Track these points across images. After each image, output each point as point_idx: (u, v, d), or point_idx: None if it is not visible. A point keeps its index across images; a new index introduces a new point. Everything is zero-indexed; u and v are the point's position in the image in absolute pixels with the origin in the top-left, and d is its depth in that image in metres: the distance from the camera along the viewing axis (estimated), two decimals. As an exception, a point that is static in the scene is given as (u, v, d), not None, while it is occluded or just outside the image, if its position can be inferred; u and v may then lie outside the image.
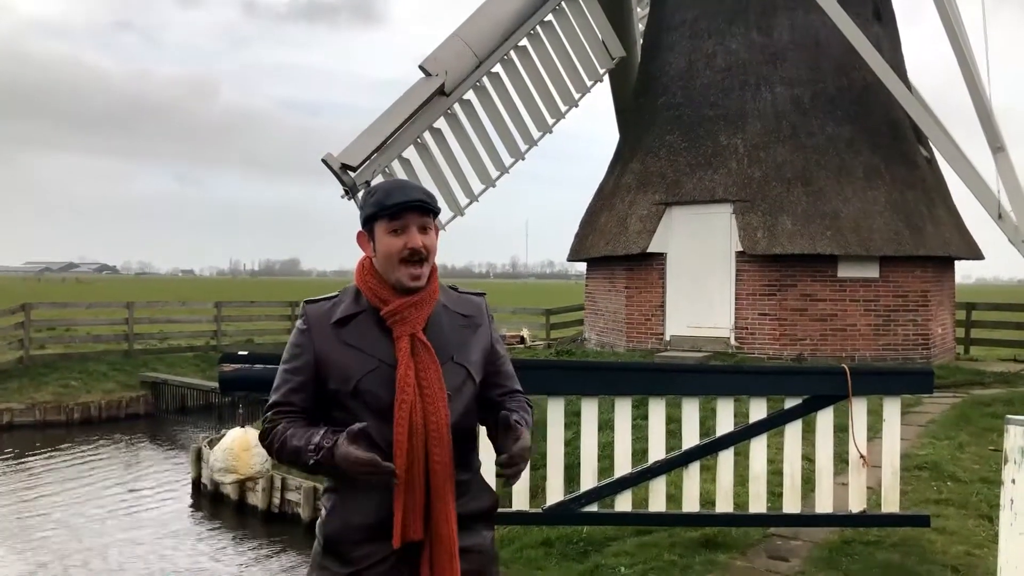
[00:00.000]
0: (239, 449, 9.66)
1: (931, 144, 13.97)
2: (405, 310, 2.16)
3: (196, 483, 11.52)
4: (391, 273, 2.18)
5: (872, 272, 13.01)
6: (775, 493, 5.27)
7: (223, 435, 10.86)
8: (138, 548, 9.07)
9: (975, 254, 14.47)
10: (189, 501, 11.21)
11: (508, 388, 2.36)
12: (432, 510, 2.11)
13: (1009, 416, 2.91)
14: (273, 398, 2.23)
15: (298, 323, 2.27)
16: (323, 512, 2.23)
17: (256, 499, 10.23)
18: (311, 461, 2.07)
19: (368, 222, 2.22)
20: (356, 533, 2.14)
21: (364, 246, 2.26)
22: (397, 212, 2.16)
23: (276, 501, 10.08)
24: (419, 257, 2.17)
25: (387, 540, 2.09)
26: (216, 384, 10.85)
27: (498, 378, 2.35)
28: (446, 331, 2.23)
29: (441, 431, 2.12)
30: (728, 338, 13.33)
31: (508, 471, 2.12)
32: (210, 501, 10.96)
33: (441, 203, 14.01)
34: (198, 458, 11.49)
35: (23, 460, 13.47)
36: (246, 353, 4.78)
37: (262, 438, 2.21)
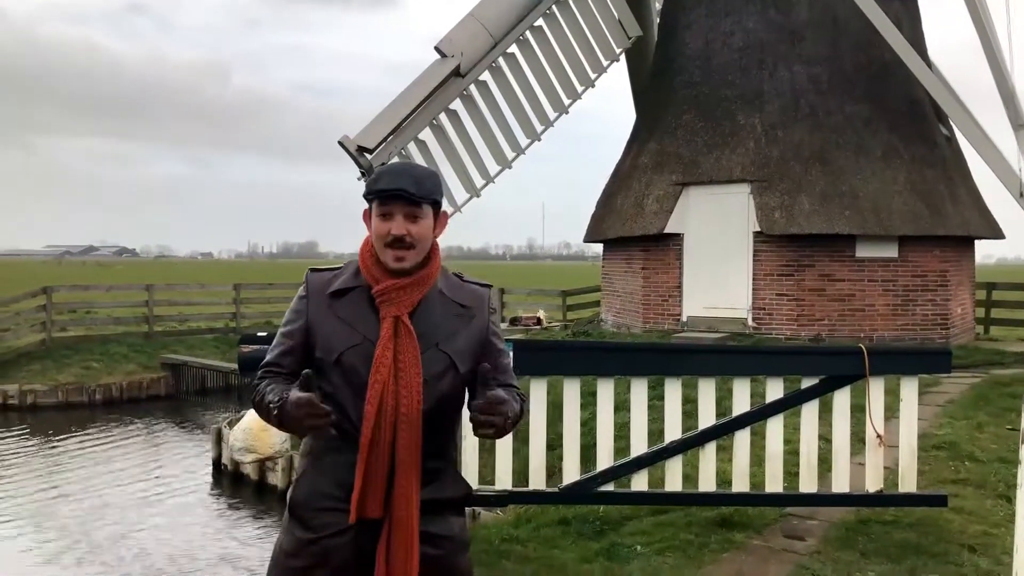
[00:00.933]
0: (258, 429, 9.77)
1: (951, 122, 13.82)
2: (393, 292, 2.19)
3: (216, 463, 11.64)
4: (380, 254, 2.22)
5: (891, 252, 12.92)
6: (791, 473, 5.28)
7: (242, 416, 10.99)
8: (160, 528, 9.19)
9: (995, 233, 14.34)
10: (210, 481, 11.34)
11: (504, 382, 2.31)
12: (394, 492, 2.13)
13: (1027, 395, 2.90)
14: (267, 358, 2.29)
15: (300, 289, 2.32)
16: (296, 477, 2.29)
17: (276, 479, 10.33)
18: (274, 413, 2.11)
19: (368, 201, 2.26)
20: (321, 501, 2.18)
21: (367, 224, 2.30)
22: (383, 199, 2.19)
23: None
24: (401, 244, 2.18)
25: (348, 512, 2.13)
26: (235, 365, 10.95)
27: (494, 372, 2.30)
28: (436, 317, 2.24)
29: (412, 414, 2.13)
30: (745, 319, 13.29)
31: (482, 417, 2.07)
32: (230, 481, 11.08)
33: (457, 184, 14.05)
34: (219, 439, 11.61)
35: (47, 441, 13.65)
36: (265, 334, 4.83)
37: (251, 396, 2.27)
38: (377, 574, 2.12)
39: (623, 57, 15.49)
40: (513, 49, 13.62)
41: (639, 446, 5.16)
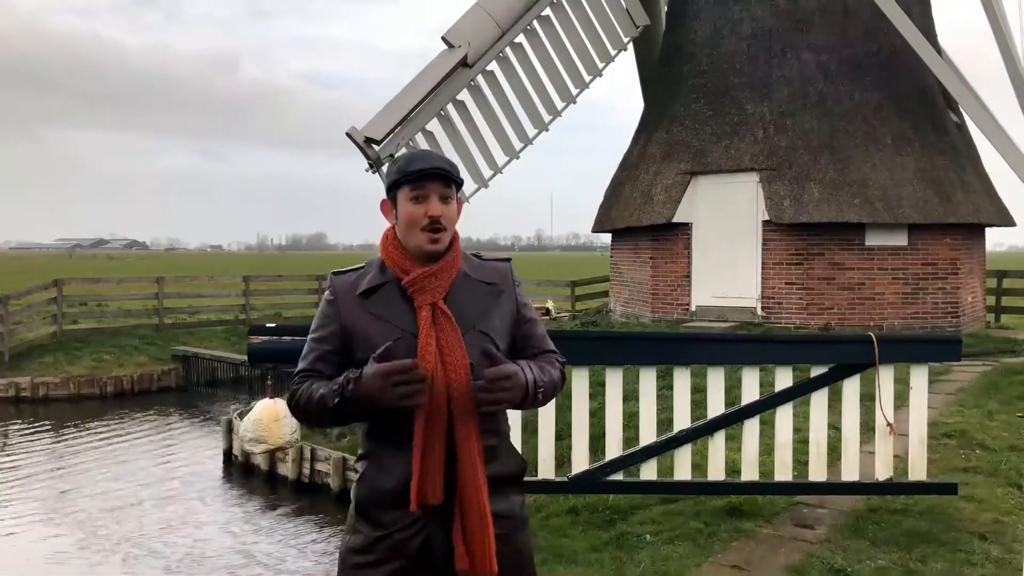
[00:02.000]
0: (268, 420, 9.80)
1: (961, 109, 13.73)
2: (425, 280, 2.19)
3: (227, 454, 11.70)
4: (411, 240, 2.22)
5: (901, 240, 12.86)
6: (801, 461, 5.28)
7: (252, 407, 11.04)
8: (171, 519, 9.25)
9: (1006, 221, 14.26)
10: (221, 472, 11.40)
11: (540, 348, 2.35)
12: (460, 476, 2.14)
13: (1037, 382, 2.89)
14: (300, 366, 2.28)
15: (326, 294, 2.31)
16: (356, 476, 2.30)
17: (286, 469, 10.37)
18: (336, 399, 2.10)
19: (391, 189, 2.26)
20: (384, 497, 2.19)
21: (387, 214, 2.30)
22: (419, 180, 2.19)
23: (306, 471, 10.21)
24: (438, 226, 2.20)
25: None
26: (245, 357, 10.99)
27: (529, 340, 2.35)
28: (468, 299, 2.25)
29: (464, 398, 2.14)
30: (755, 308, 13.27)
31: (483, 396, 2.08)
32: (241, 472, 11.14)
33: (465, 175, 14.03)
34: (229, 430, 11.66)
35: (60, 433, 13.74)
36: (274, 325, 4.85)
37: (289, 402, 2.26)
38: (457, 558, 2.13)
39: (631, 46, 15.42)
40: (520, 39, 13.57)
41: (648, 435, 5.16)
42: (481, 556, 2.13)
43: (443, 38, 12.86)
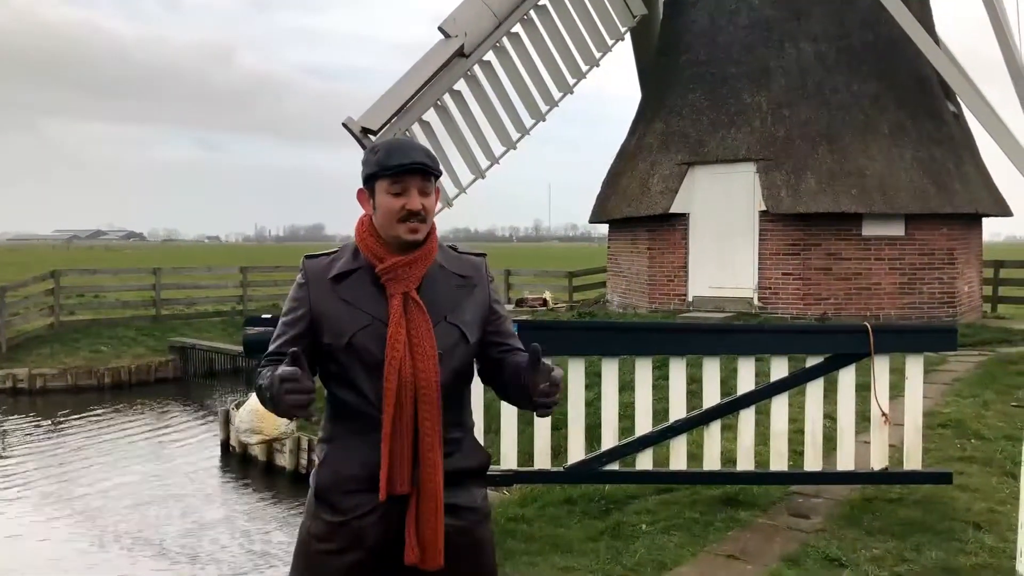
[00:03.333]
0: (263, 410, 9.79)
1: (959, 99, 13.72)
2: (399, 268, 2.18)
3: (225, 445, 11.70)
4: (389, 231, 2.20)
5: (897, 230, 12.87)
6: (797, 451, 5.29)
7: (249, 397, 11.04)
8: (171, 511, 9.26)
9: (1003, 211, 14.28)
10: (218, 463, 11.41)
11: (509, 346, 2.35)
12: (420, 465, 2.14)
13: (1031, 372, 2.90)
14: (270, 348, 2.27)
15: (297, 277, 2.30)
16: (316, 462, 2.29)
17: (283, 460, 10.38)
18: (267, 394, 2.08)
19: (369, 180, 2.24)
20: (346, 483, 2.19)
21: (364, 203, 2.28)
22: (398, 174, 2.17)
23: (303, 462, 10.22)
24: (418, 219, 2.18)
25: (375, 491, 2.14)
26: (242, 348, 10.99)
27: (498, 336, 2.35)
28: (441, 291, 2.25)
29: (430, 389, 2.14)
30: (751, 298, 13.28)
31: (547, 400, 2.11)
32: (239, 462, 11.14)
33: (462, 166, 14.06)
34: (226, 420, 11.66)
35: (59, 424, 13.74)
36: (269, 316, 4.85)
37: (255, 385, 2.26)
38: (407, 544, 2.14)
39: (628, 36, 15.39)
40: (517, 29, 13.55)
41: (644, 425, 5.17)
42: (432, 549, 2.14)
43: (440, 28, 12.84)
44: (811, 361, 5.18)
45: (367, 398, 2.15)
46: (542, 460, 5.12)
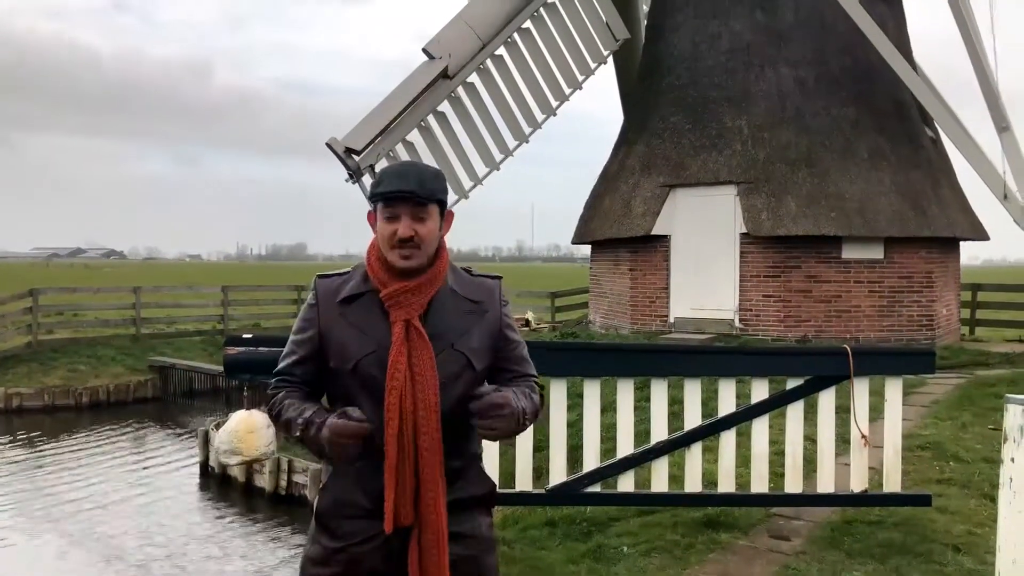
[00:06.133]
0: (244, 431, 9.73)
1: (936, 124, 13.90)
2: (402, 295, 2.16)
3: (204, 466, 11.61)
4: (387, 255, 2.20)
5: (877, 253, 12.99)
6: (777, 473, 5.30)
7: (229, 418, 10.95)
8: (146, 531, 9.16)
9: (980, 235, 14.43)
10: (197, 483, 11.30)
11: (517, 372, 2.32)
12: (421, 496, 2.13)
13: (1008, 395, 2.93)
14: (279, 366, 2.29)
15: (309, 297, 2.30)
16: (320, 486, 2.29)
17: (263, 481, 10.31)
18: (297, 432, 2.14)
19: (372, 204, 2.24)
20: (347, 509, 2.18)
21: (372, 225, 2.27)
22: (389, 200, 2.17)
23: (283, 483, 10.15)
24: (410, 245, 2.16)
25: (377, 519, 2.13)
26: (223, 368, 10.92)
27: (507, 363, 2.32)
28: (449, 316, 2.22)
29: (430, 417, 2.13)
30: (732, 320, 13.34)
31: (481, 421, 2.09)
32: (218, 484, 11.05)
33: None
34: (206, 441, 11.57)
35: (35, 444, 13.58)
36: (250, 336, 4.82)
37: (268, 407, 2.28)
38: (411, 574, 2.12)
39: (611, 59, 15.51)
40: (501, 51, 13.63)
41: (626, 447, 5.17)
42: (434, 574, 2.13)
43: (424, 49, 12.89)
44: (791, 383, 5.20)
45: (370, 424, 2.13)
46: (524, 482, 5.11)
